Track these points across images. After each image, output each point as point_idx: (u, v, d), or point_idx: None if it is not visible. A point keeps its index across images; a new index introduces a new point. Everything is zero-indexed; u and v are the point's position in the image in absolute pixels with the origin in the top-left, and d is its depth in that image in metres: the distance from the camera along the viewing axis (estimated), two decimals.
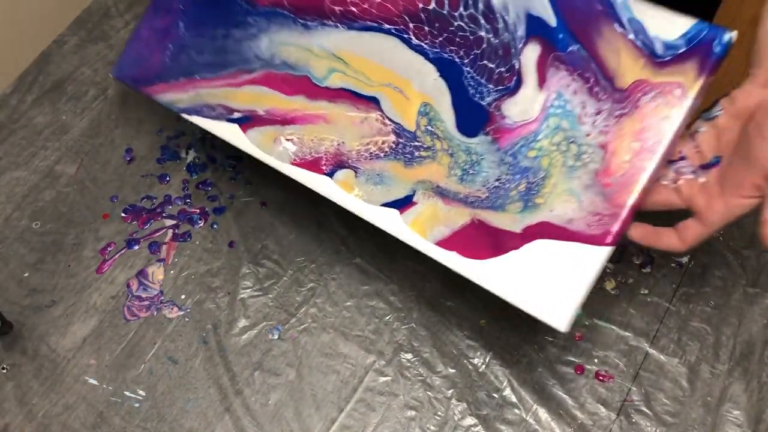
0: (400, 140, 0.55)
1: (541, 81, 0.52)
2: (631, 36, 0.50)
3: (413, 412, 0.57)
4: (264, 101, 0.58)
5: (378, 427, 0.57)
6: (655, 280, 0.62)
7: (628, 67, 0.50)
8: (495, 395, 0.58)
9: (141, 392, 0.59)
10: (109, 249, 0.65)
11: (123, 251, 0.64)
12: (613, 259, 0.62)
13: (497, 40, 0.54)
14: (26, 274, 0.64)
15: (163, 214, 0.66)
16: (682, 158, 0.50)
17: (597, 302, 0.61)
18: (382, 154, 0.55)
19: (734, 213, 0.48)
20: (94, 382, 0.59)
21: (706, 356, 0.58)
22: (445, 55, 0.55)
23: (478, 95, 0.54)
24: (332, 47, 0.57)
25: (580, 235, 0.49)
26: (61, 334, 0.61)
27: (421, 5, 0.55)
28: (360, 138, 0.56)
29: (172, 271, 0.64)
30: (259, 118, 0.58)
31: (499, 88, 0.54)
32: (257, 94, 0.59)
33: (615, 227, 0.48)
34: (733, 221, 0.48)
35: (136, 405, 0.58)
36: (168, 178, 0.68)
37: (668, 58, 0.49)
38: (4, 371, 0.60)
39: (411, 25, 0.56)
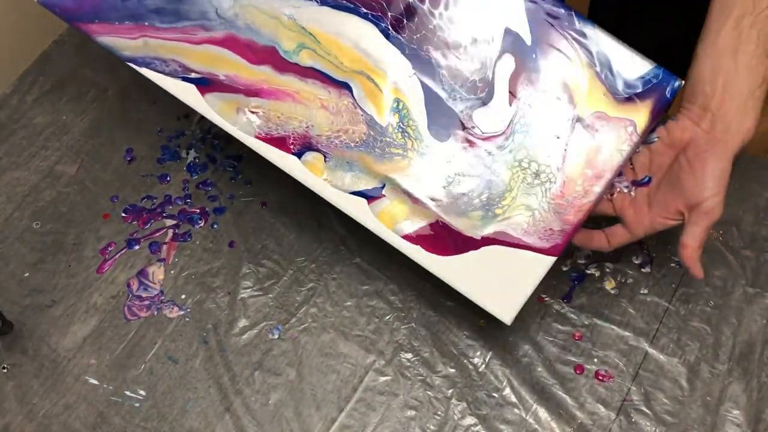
0: (371, 133, 0.55)
1: (512, 96, 0.55)
2: (598, 68, 0.54)
3: (413, 412, 0.57)
4: (224, 65, 0.56)
5: (378, 427, 0.57)
6: (655, 279, 0.62)
7: (591, 98, 0.54)
8: (495, 395, 0.58)
9: (141, 392, 0.59)
10: (109, 249, 0.65)
11: (123, 251, 0.64)
12: (612, 259, 0.62)
13: (474, 49, 0.55)
14: (27, 274, 0.64)
15: (164, 214, 0.66)
16: (619, 174, 0.56)
17: (597, 302, 0.61)
18: (352, 144, 0.55)
19: (656, 228, 0.55)
20: (94, 381, 0.59)
21: (706, 356, 0.59)
22: (422, 54, 0.55)
23: (451, 100, 0.55)
24: (302, 20, 0.55)
25: (532, 246, 0.54)
26: (61, 334, 0.61)
27: None
28: (330, 124, 0.55)
29: (172, 271, 0.64)
30: (219, 83, 0.56)
31: (472, 96, 0.55)
32: (217, 56, 0.56)
33: (563, 241, 0.54)
34: (662, 231, 0.55)
35: (137, 405, 0.58)
36: (168, 178, 0.68)
37: (626, 96, 0.54)
38: (5, 371, 0.60)
39: (389, 14, 0.55)
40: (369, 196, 0.54)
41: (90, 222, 0.66)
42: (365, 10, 0.55)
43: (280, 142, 0.55)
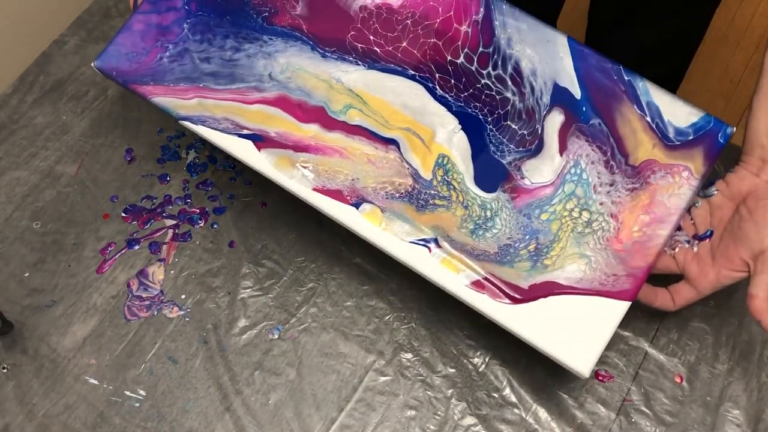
0: (416, 186, 0.55)
1: (562, 148, 0.55)
2: (648, 119, 0.55)
3: (413, 412, 0.57)
4: (275, 123, 0.57)
5: (378, 427, 0.57)
6: (655, 280, 0.62)
7: (642, 147, 0.55)
8: (495, 395, 0.58)
9: (141, 392, 0.59)
10: (109, 249, 0.65)
11: (123, 251, 0.65)
12: None
13: (522, 104, 0.56)
14: (27, 274, 0.64)
15: (164, 214, 0.66)
16: (679, 229, 0.56)
17: None
18: (397, 195, 0.55)
19: (723, 283, 0.54)
20: (94, 381, 0.59)
21: (706, 356, 0.59)
22: (469, 110, 0.56)
23: (498, 153, 0.56)
24: (350, 83, 0.57)
25: (595, 291, 0.53)
26: (61, 334, 0.61)
27: (449, 58, 0.56)
28: (376, 177, 0.55)
29: (172, 271, 0.64)
30: (270, 139, 0.57)
31: (521, 149, 0.56)
32: (268, 115, 0.57)
33: (634, 285, 0.53)
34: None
35: (137, 405, 0.58)
36: (168, 178, 0.68)
37: (678, 143, 0.55)
38: (5, 371, 0.60)
39: (437, 75, 0.56)
40: (428, 246, 0.54)
41: (90, 222, 0.66)
42: (413, 72, 0.56)
43: (337, 195, 0.55)
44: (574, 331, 0.52)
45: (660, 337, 0.59)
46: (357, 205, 0.55)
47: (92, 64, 0.60)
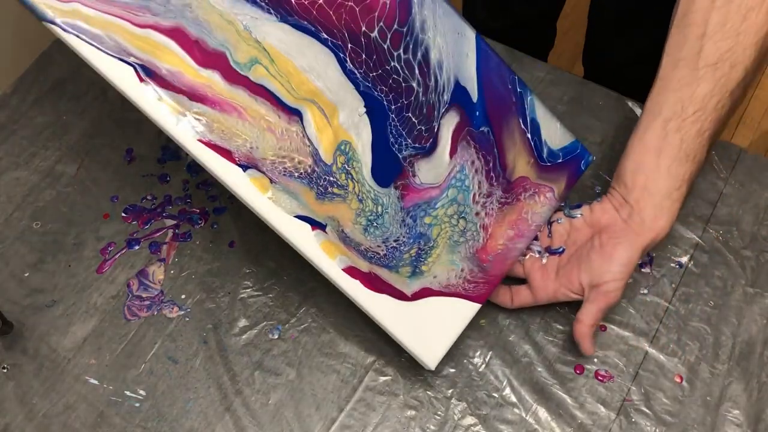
0: (316, 168, 0.52)
1: (452, 151, 0.56)
2: (528, 135, 0.57)
3: (413, 412, 0.57)
4: (167, 58, 0.49)
5: (378, 427, 0.57)
6: (655, 279, 0.62)
7: (519, 162, 0.57)
8: (495, 395, 0.58)
9: (141, 392, 0.59)
10: (109, 249, 0.65)
11: (123, 251, 0.64)
12: None
13: (424, 98, 0.55)
14: (27, 274, 0.64)
15: (164, 214, 0.66)
16: (535, 239, 0.60)
17: None
18: (296, 174, 0.52)
19: (558, 298, 0.57)
20: (94, 381, 0.59)
21: (706, 356, 0.59)
22: (375, 94, 0.54)
23: (396, 145, 0.55)
24: (259, 34, 0.51)
25: (456, 294, 0.56)
26: (61, 334, 0.61)
27: (363, 28, 0.53)
28: (277, 149, 0.51)
29: (172, 271, 0.64)
30: (160, 77, 0.49)
31: (416, 145, 0.55)
32: (161, 46, 0.49)
33: (489, 290, 0.57)
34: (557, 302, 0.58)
35: (137, 405, 0.58)
36: (168, 178, 0.68)
37: (549, 164, 0.58)
38: (5, 371, 0.60)
39: (349, 46, 0.53)
40: (313, 224, 0.53)
41: (90, 222, 0.66)
42: (325, 36, 0.52)
43: (225, 153, 0.50)
44: (430, 327, 0.55)
45: (660, 337, 0.59)
46: (245, 168, 0.50)
47: None
